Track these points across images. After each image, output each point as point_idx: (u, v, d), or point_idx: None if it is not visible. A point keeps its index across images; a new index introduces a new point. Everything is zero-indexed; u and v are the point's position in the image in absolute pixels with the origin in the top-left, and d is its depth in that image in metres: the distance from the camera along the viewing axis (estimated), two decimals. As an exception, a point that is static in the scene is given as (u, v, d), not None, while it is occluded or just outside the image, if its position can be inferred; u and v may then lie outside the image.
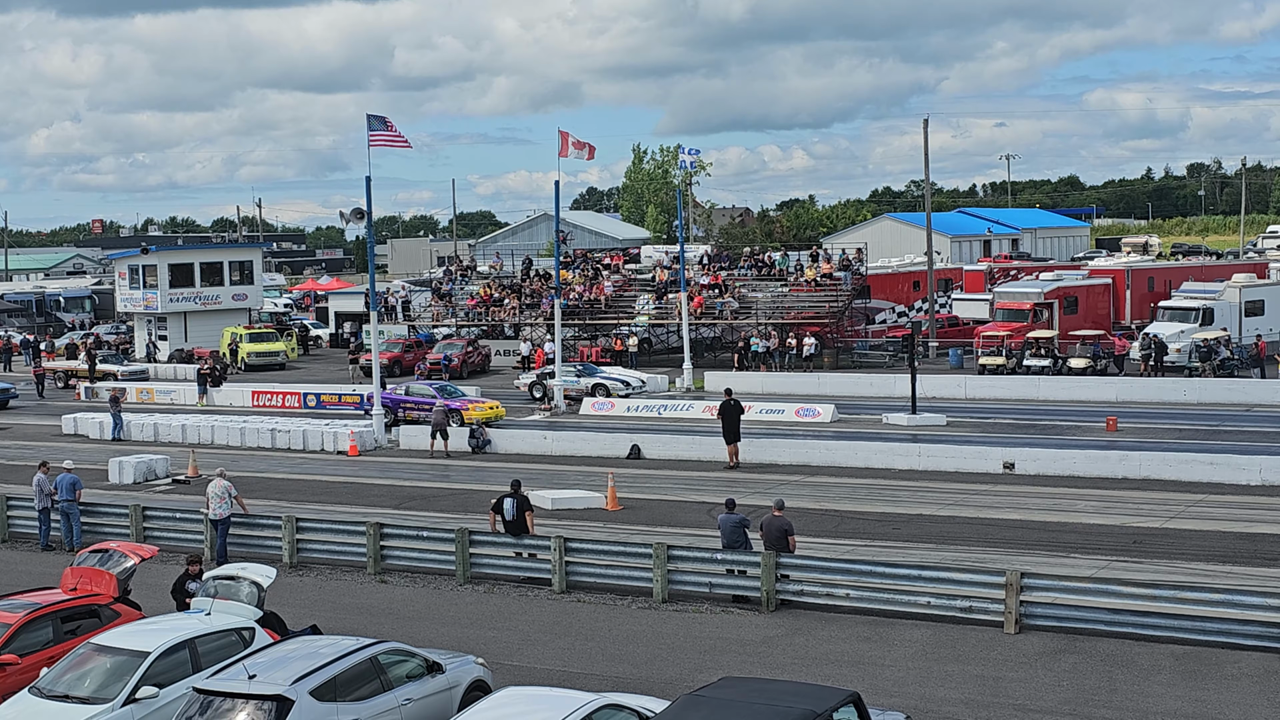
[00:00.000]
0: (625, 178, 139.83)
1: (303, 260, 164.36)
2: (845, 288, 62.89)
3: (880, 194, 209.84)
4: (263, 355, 69.22)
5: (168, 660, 17.28)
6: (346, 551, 27.48)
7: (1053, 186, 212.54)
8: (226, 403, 55.82)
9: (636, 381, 53.41)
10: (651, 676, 19.97)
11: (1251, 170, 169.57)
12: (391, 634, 20.60)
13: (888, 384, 51.45)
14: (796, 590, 23.23)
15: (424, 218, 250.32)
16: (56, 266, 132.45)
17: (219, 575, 20.30)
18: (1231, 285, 58.46)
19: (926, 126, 67.45)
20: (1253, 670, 19.45)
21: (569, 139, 49.29)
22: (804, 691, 14.44)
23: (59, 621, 19.52)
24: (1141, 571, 24.17)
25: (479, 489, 34.74)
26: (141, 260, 74.27)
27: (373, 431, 43.63)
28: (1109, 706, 18.30)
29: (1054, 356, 54.59)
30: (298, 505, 32.95)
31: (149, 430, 47.47)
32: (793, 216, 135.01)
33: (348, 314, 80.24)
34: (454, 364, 61.37)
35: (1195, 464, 33.43)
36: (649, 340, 67.87)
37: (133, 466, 38.63)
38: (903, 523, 29.71)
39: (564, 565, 24.91)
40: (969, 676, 19.67)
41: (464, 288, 71.67)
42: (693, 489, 34.59)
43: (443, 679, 17.35)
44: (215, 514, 27.96)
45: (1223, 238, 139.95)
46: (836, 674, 19.53)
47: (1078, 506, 30.60)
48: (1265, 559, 25.42)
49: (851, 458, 37.23)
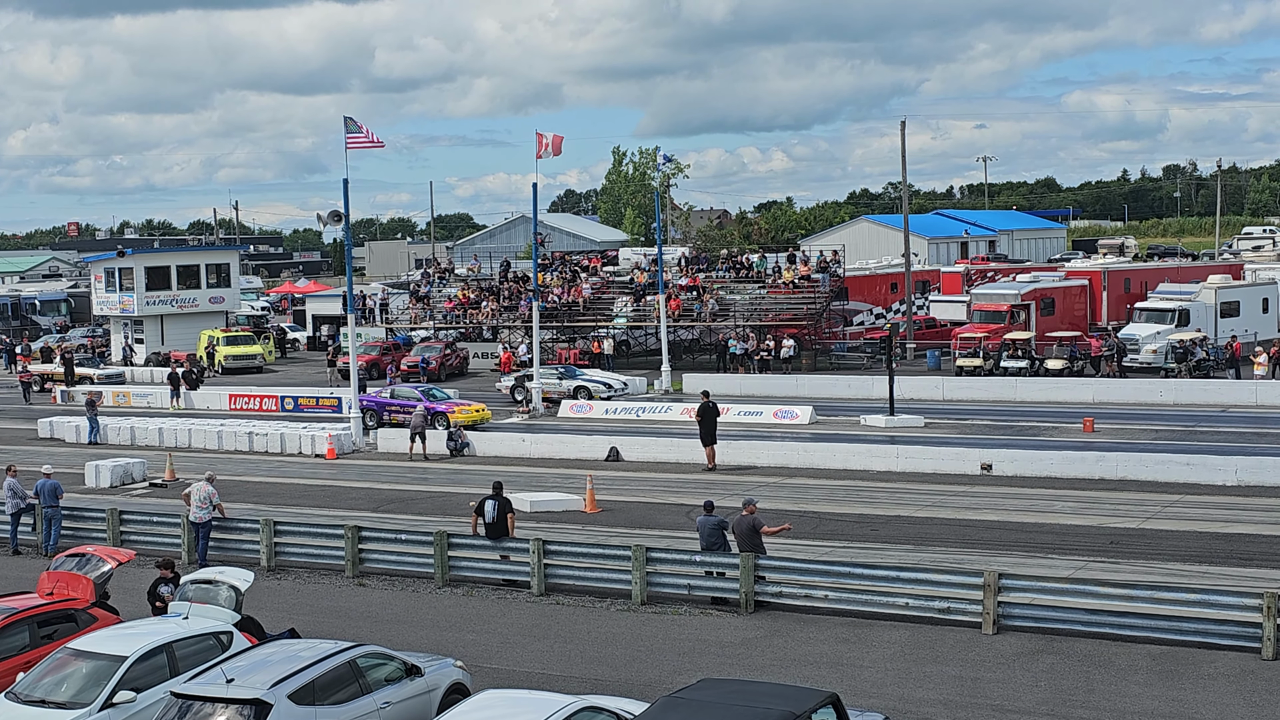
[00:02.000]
0: (605, 179, 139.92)
1: (280, 263, 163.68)
2: (823, 290, 62.96)
3: (858, 196, 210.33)
4: (240, 358, 69.05)
5: (145, 665, 17.22)
6: (324, 555, 27.41)
7: (1029, 188, 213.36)
8: (204, 406, 55.65)
9: (618, 384, 53.40)
10: (630, 679, 19.97)
11: (1227, 172, 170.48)
12: (370, 637, 20.57)
13: (866, 386, 51.55)
14: (775, 592, 23.26)
15: (402, 220, 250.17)
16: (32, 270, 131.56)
17: (197, 579, 20.24)
18: (1207, 287, 58.77)
19: (904, 129, 67.54)
20: (1229, 670, 19.55)
21: (544, 140, 49.29)
22: (783, 693, 14.46)
23: (35, 626, 19.47)
24: (1118, 572, 24.26)
25: (457, 492, 34.69)
26: (118, 263, 73.85)
27: (350, 434, 43.53)
28: (1086, 706, 18.36)
29: (1031, 358, 54.78)
30: (275, 508, 32.85)
31: (125, 433, 47.29)
32: (770, 218, 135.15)
33: (325, 317, 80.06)
34: (432, 366, 61.27)
35: (1171, 465, 33.57)
36: (627, 342, 67.88)
37: (109, 470, 38.47)
38: (881, 524, 29.77)
39: (543, 568, 24.90)
40: (947, 677, 19.72)
41: (442, 290, 71.54)
42: (671, 491, 34.60)
43: (421, 682, 17.33)
44: (195, 517, 27.90)
45: (1198, 239, 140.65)
46: (815, 675, 19.57)
47: (1055, 507, 30.71)
48: (1241, 559, 25.54)
49: (830, 459, 37.29)
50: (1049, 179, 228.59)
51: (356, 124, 42.78)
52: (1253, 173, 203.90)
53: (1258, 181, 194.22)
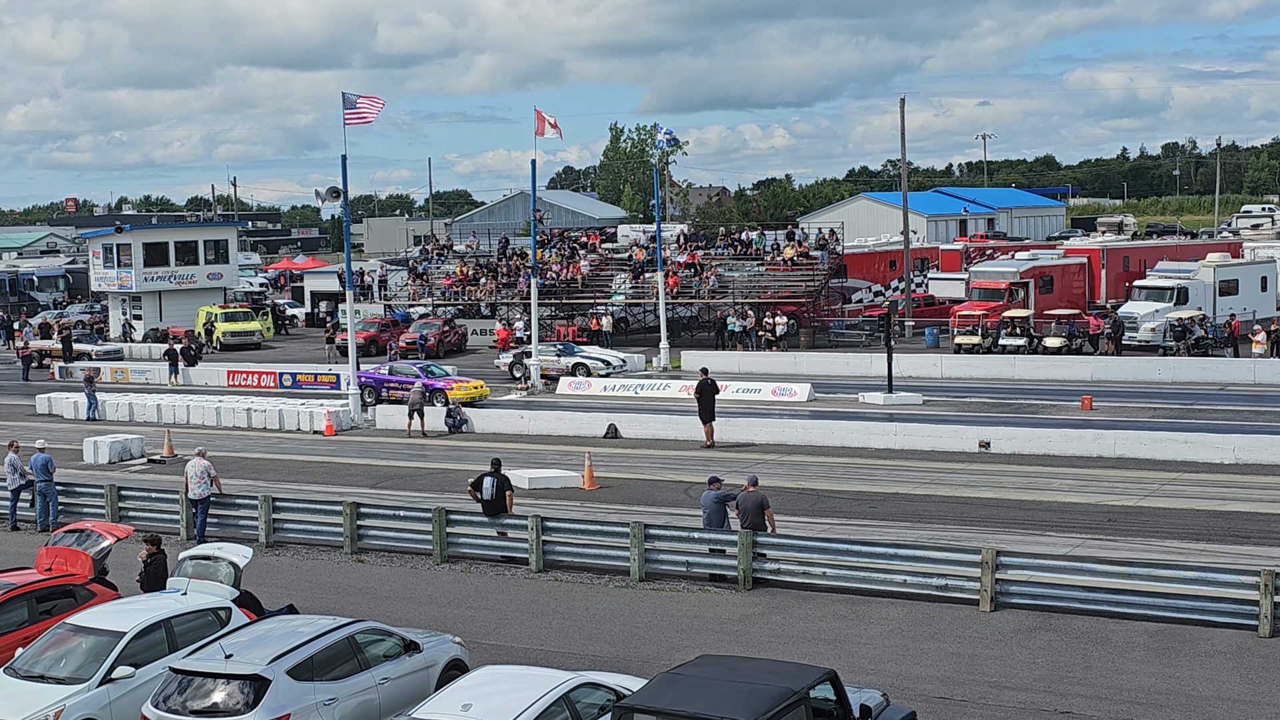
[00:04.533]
0: (603, 156, 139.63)
1: (278, 239, 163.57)
2: (822, 267, 62.93)
3: (857, 173, 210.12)
4: (238, 335, 69.04)
5: (144, 640, 17.23)
6: (323, 531, 27.43)
7: (1028, 166, 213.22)
8: (202, 382, 55.62)
9: (617, 361, 53.38)
10: (629, 655, 20.00)
11: (1226, 150, 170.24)
12: (368, 613, 20.58)
13: (864, 363, 51.53)
14: (773, 569, 23.28)
15: (400, 197, 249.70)
16: (30, 246, 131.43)
17: (195, 555, 20.24)
18: (1206, 265, 58.69)
19: (903, 106, 67.38)
20: (1226, 647, 19.58)
21: (544, 118, 49.16)
22: (781, 669, 14.46)
23: (34, 602, 19.49)
24: (1116, 549, 24.28)
25: (456, 468, 34.70)
26: (116, 239, 73.71)
27: (349, 411, 43.53)
28: (1084, 684, 18.40)
29: (1029, 336, 54.76)
30: (274, 485, 32.88)
31: (124, 410, 47.27)
32: (769, 196, 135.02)
33: (323, 293, 79.96)
34: (430, 343, 61.22)
35: (1170, 443, 33.60)
36: (625, 320, 67.81)
37: (108, 446, 38.46)
38: (879, 501, 29.80)
39: (541, 544, 24.93)
40: (945, 654, 19.75)
41: (440, 267, 71.49)
42: (670, 468, 34.61)
43: (420, 658, 17.35)
44: (195, 494, 27.91)
45: (1197, 217, 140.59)
46: (813, 652, 19.60)
47: (1053, 485, 30.74)
48: (1238, 537, 25.57)
49: (828, 437, 37.32)
50: (1048, 157, 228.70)
51: (354, 98, 42.56)
52: (1252, 151, 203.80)
53: (1257, 160, 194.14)
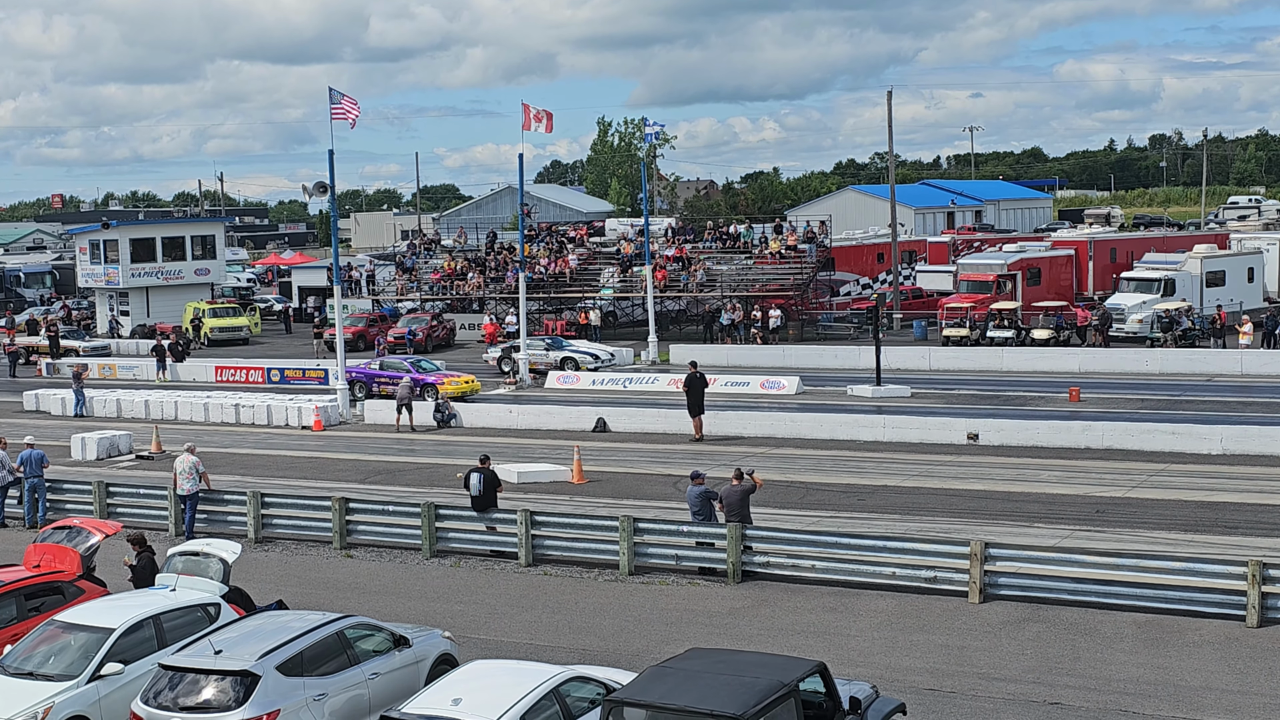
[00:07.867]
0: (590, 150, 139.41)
1: (266, 234, 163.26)
2: (810, 260, 62.96)
3: (845, 166, 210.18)
4: (226, 330, 68.89)
5: (133, 637, 17.22)
6: (312, 526, 27.40)
7: (1015, 158, 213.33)
8: (190, 378, 55.51)
9: (606, 355, 53.38)
10: (618, 648, 20.02)
11: (1213, 142, 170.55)
12: (358, 608, 20.59)
13: (852, 356, 51.60)
14: (762, 562, 23.31)
15: (388, 191, 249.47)
16: (16, 241, 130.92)
17: (184, 551, 20.21)
18: (1193, 256, 58.85)
19: (890, 98, 67.50)
20: (1214, 637, 19.65)
21: (530, 111, 49.08)
22: (771, 662, 14.49)
23: (22, 599, 19.46)
24: (1104, 541, 24.36)
25: (445, 463, 34.69)
26: (103, 235, 73.47)
27: (337, 406, 43.47)
28: (1072, 674, 18.45)
29: (1017, 328, 54.86)
30: (262, 480, 32.84)
31: (111, 406, 47.15)
32: (757, 189, 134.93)
33: (311, 288, 79.81)
34: (418, 338, 61.13)
35: (1157, 434, 33.68)
36: (614, 314, 67.80)
37: (95, 442, 38.38)
38: (868, 494, 29.84)
39: (530, 539, 24.93)
40: (934, 646, 19.79)
41: (428, 262, 71.40)
42: (659, 462, 34.62)
43: (409, 653, 17.34)
44: (183, 489, 27.87)
45: (1184, 209, 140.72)
46: (803, 644, 19.63)
47: (1041, 477, 30.80)
48: (1226, 527, 25.65)
49: (816, 429, 37.33)
50: (1036, 149, 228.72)
51: (340, 95, 42.52)
52: (1239, 142, 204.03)
53: (1244, 151, 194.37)
